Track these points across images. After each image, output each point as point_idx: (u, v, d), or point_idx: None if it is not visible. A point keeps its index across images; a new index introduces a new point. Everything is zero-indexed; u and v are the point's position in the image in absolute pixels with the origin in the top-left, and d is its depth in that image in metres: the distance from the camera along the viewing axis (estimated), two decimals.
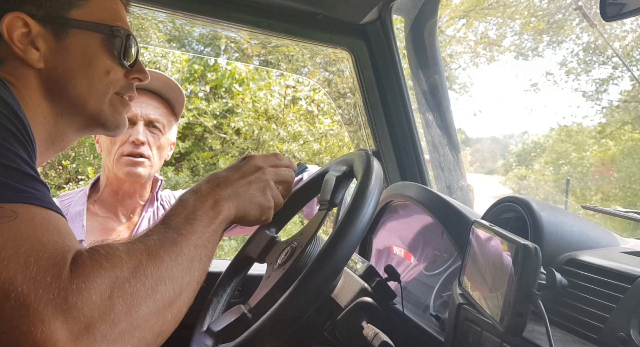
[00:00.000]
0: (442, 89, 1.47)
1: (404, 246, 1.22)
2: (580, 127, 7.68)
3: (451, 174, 1.48)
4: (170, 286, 0.51)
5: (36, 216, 0.48)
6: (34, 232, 0.47)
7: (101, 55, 0.73)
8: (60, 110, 0.72)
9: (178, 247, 0.55)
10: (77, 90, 0.72)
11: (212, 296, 1.06)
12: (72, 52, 0.71)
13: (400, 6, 1.36)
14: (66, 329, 0.42)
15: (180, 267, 0.53)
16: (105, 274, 0.47)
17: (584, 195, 6.89)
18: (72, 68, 0.71)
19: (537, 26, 7.30)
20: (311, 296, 0.75)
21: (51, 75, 0.70)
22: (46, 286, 0.43)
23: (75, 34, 0.71)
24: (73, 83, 0.71)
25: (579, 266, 0.71)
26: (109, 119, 0.77)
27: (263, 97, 6.64)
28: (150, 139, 1.38)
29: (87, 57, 0.72)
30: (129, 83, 0.79)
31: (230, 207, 0.65)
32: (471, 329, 0.72)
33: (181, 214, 0.60)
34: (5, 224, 0.46)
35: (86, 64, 0.72)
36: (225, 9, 1.30)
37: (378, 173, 0.87)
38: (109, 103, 0.76)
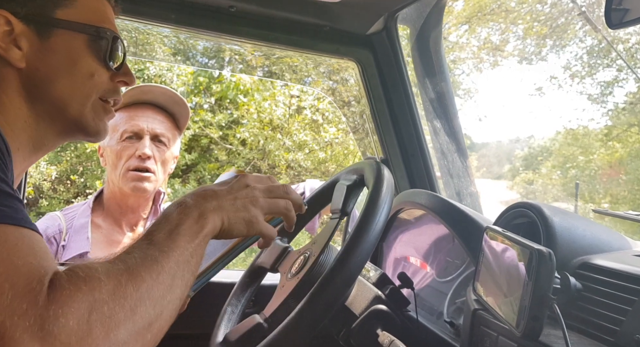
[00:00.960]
0: (449, 96, 1.49)
1: (419, 255, 1.22)
2: (586, 130, 7.65)
3: (460, 181, 1.49)
4: (151, 306, 0.50)
5: (9, 236, 0.47)
6: (7, 255, 0.45)
7: (86, 56, 0.71)
8: (41, 113, 0.70)
9: (159, 265, 0.53)
10: (59, 92, 0.70)
11: (227, 306, 1.07)
12: (56, 52, 0.69)
13: (405, 16, 1.38)
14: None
15: (161, 285, 0.52)
16: (83, 297, 0.45)
17: (592, 198, 6.84)
18: (55, 69, 0.69)
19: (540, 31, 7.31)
20: (326, 305, 0.76)
21: (33, 76, 0.68)
22: (22, 314, 0.42)
23: (60, 34, 0.69)
24: (55, 84, 0.69)
25: (592, 270, 0.71)
26: (89, 124, 0.74)
27: (268, 107, 6.68)
28: (156, 153, 1.39)
29: (70, 58, 0.70)
30: (114, 86, 0.76)
31: (216, 219, 0.63)
32: (487, 334, 0.72)
33: (164, 228, 0.58)
34: None
35: (70, 65, 0.70)
36: (231, 23, 1.32)
37: (389, 182, 0.88)
38: (91, 107, 0.73)
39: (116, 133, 1.38)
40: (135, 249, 0.54)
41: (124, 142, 1.37)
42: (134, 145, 1.36)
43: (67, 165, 6.44)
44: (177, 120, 1.46)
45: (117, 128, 1.38)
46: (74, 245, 1.37)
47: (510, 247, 0.67)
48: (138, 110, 1.39)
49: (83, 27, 0.70)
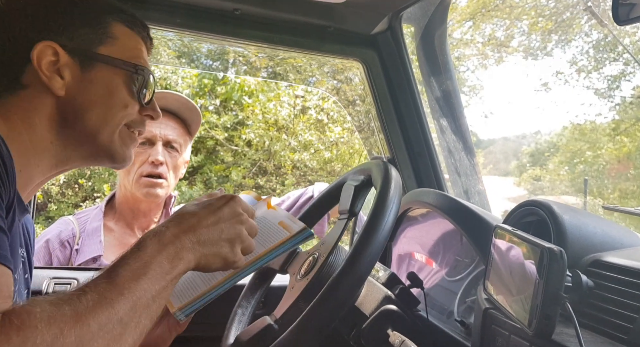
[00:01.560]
0: (455, 94, 1.48)
1: (424, 252, 1.22)
2: (593, 125, 7.59)
3: (468, 179, 1.48)
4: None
5: None
6: None
7: (122, 90, 0.76)
8: (70, 138, 0.74)
9: (113, 310, 0.50)
10: (93, 121, 0.74)
11: (237, 308, 1.08)
12: (95, 84, 0.74)
13: (410, 15, 1.37)
14: None
15: (108, 334, 0.49)
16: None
17: (601, 193, 6.79)
18: (92, 99, 0.74)
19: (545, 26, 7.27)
20: (336, 306, 0.76)
21: (70, 104, 0.72)
22: None
23: (101, 68, 0.74)
24: (90, 114, 0.73)
25: (604, 267, 0.71)
26: (117, 151, 0.78)
27: (273, 108, 6.69)
28: (168, 159, 1.41)
29: (108, 91, 0.75)
30: (141, 119, 0.81)
31: (191, 258, 0.60)
32: (499, 333, 0.72)
33: (133, 264, 0.55)
34: None
35: (106, 97, 0.75)
36: (236, 26, 1.33)
37: (397, 182, 0.88)
38: (119, 136, 0.78)
39: None
40: (93, 286, 0.51)
41: (137, 148, 1.39)
42: (146, 151, 1.39)
43: (76, 169, 6.49)
44: (189, 125, 1.48)
45: None
46: (87, 249, 1.39)
47: (520, 245, 0.67)
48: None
49: (122, 64, 0.76)
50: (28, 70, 0.70)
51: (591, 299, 0.69)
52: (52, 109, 0.72)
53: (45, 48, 0.70)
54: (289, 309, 0.89)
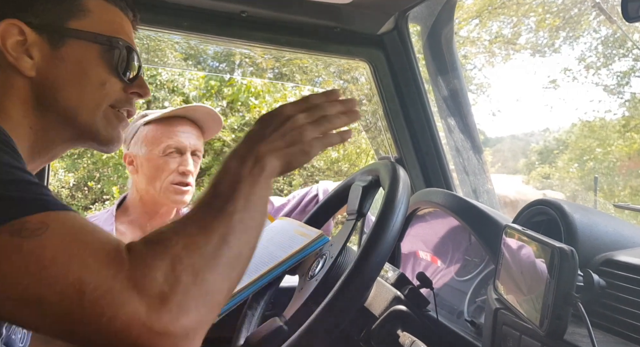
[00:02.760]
0: (462, 92, 1.48)
1: (429, 250, 1.22)
2: (603, 122, 7.51)
3: (476, 178, 1.48)
4: (228, 250, 0.54)
5: (66, 220, 0.50)
6: (74, 235, 0.49)
7: (97, 66, 0.71)
8: (50, 121, 0.70)
9: (226, 213, 0.56)
10: (68, 100, 0.70)
11: (246, 310, 1.08)
12: (67, 61, 0.69)
13: (416, 15, 1.37)
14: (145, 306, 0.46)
15: (232, 230, 0.55)
16: (163, 256, 0.49)
17: (611, 191, 6.72)
18: (65, 78, 0.69)
19: (553, 23, 7.21)
20: (346, 307, 0.76)
21: (42, 85, 0.68)
22: (113, 277, 0.46)
23: (72, 44, 0.69)
24: (64, 93, 0.69)
25: (616, 266, 0.70)
26: (101, 132, 0.74)
27: None
28: (193, 168, 1.46)
29: (81, 68, 0.70)
30: (127, 97, 0.76)
31: (272, 160, 0.65)
32: (510, 333, 0.72)
33: (225, 180, 0.61)
34: (41, 236, 0.47)
35: (80, 75, 0.70)
36: (243, 28, 1.33)
37: (405, 182, 0.88)
38: (103, 116, 0.73)
39: (157, 146, 1.42)
40: (201, 203, 0.58)
41: (166, 156, 1.41)
42: (176, 160, 1.42)
43: (84, 172, 6.55)
44: (204, 131, 1.51)
45: (158, 141, 1.42)
46: None
47: (531, 245, 0.67)
48: (176, 125, 1.44)
49: (95, 37, 0.70)
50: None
51: (603, 299, 0.68)
52: (25, 92, 0.68)
53: (9, 27, 0.66)
54: (299, 310, 0.89)
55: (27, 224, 0.47)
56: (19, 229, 0.47)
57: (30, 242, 0.46)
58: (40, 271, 0.46)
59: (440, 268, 1.16)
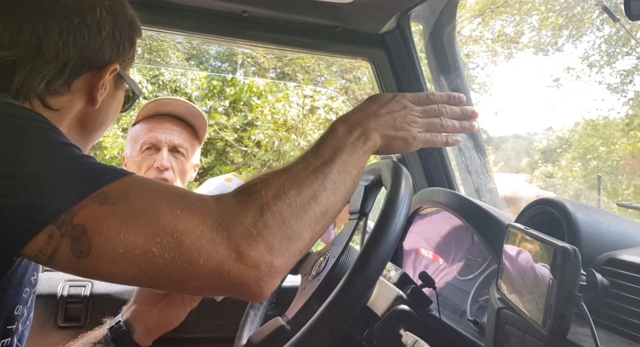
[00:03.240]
0: (464, 92, 1.47)
1: (431, 248, 1.22)
2: (606, 120, 7.49)
3: (479, 177, 1.47)
4: (317, 207, 0.58)
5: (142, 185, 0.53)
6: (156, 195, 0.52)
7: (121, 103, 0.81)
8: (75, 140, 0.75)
9: (322, 172, 0.61)
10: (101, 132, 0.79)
11: (249, 309, 1.08)
12: (115, 100, 0.79)
13: (418, 14, 1.37)
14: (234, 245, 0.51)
15: (324, 189, 0.59)
16: (251, 203, 0.54)
17: (615, 190, 6.70)
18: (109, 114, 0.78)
19: (555, 21, 7.18)
20: (348, 307, 0.76)
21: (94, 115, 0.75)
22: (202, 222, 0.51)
23: (122, 87, 0.79)
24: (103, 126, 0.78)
25: (619, 266, 0.70)
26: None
27: (282, 108, 6.71)
28: (174, 164, 1.43)
29: (118, 106, 0.80)
30: None
31: (376, 137, 0.70)
32: (513, 333, 0.71)
33: (329, 142, 0.66)
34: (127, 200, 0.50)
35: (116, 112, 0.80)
36: (245, 28, 1.33)
37: (407, 181, 0.87)
38: None
39: (137, 144, 1.44)
40: (302, 159, 0.63)
41: (143, 153, 1.43)
42: (152, 156, 1.42)
43: None
44: (197, 130, 1.51)
45: (138, 139, 1.44)
46: None
47: (533, 244, 0.67)
48: (157, 123, 1.45)
49: (135, 85, 0.81)
50: (83, 78, 0.71)
51: (607, 298, 0.68)
52: (79, 115, 0.74)
53: (113, 69, 0.73)
54: (301, 309, 0.89)
55: (109, 193, 0.51)
56: (104, 197, 0.50)
57: (121, 206, 0.50)
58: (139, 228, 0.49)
59: (442, 267, 1.16)
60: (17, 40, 0.64)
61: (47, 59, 0.66)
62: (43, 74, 0.65)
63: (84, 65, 0.70)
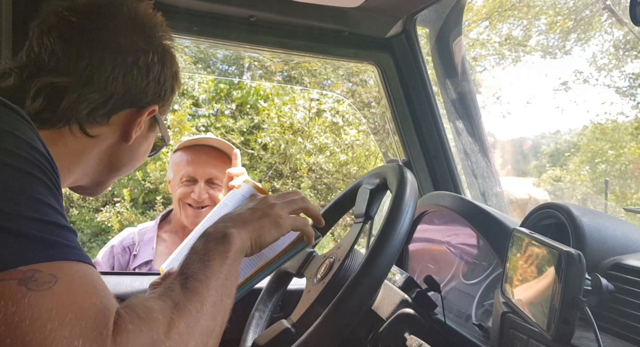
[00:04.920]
0: (471, 95, 1.47)
1: (437, 253, 1.21)
2: (615, 124, 7.42)
3: (485, 181, 1.47)
4: (199, 339, 0.52)
5: (74, 276, 0.48)
6: (74, 298, 0.46)
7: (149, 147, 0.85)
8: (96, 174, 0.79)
9: (201, 295, 0.55)
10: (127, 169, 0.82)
11: (254, 312, 1.09)
12: (147, 141, 0.81)
13: (424, 18, 1.37)
14: None
15: (205, 316, 0.54)
16: (144, 338, 0.48)
17: (624, 194, 6.63)
18: (140, 154, 0.81)
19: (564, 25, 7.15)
20: (353, 310, 0.76)
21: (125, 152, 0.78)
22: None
23: (155, 129, 0.82)
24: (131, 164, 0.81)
25: (624, 271, 0.70)
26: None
27: (288, 111, 6.73)
28: (211, 192, 1.61)
29: (148, 149, 0.83)
30: None
31: (242, 235, 0.67)
32: (517, 337, 0.71)
33: (195, 260, 0.61)
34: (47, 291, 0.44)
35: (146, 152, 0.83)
36: (252, 32, 1.35)
37: (412, 185, 0.88)
38: None
39: (178, 174, 1.63)
40: (175, 284, 0.57)
41: (183, 184, 1.61)
42: (190, 187, 1.60)
43: None
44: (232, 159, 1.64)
45: (178, 170, 1.63)
46: (142, 254, 1.62)
47: (538, 249, 0.67)
48: (195, 154, 1.62)
49: (166, 133, 0.84)
50: (123, 113, 0.74)
51: (612, 303, 0.68)
52: (111, 149, 0.76)
53: (151, 110, 0.76)
54: (306, 312, 0.89)
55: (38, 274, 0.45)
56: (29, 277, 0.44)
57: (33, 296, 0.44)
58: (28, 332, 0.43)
59: (448, 271, 1.16)
60: (74, 68, 0.68)
61: (95, 88, 0.69)
62: (89, 101, 0.68)
63: (127, 102, 0.73)
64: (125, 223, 6.15)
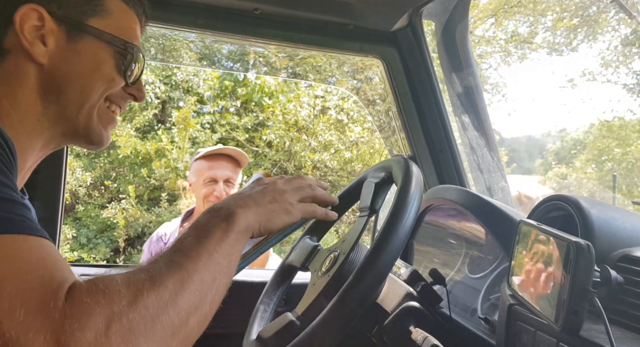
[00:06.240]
0: (477, 90, 1.46)
1: (442, 247, 1.20)
2: (622, 121, 7.36)
3: (491, 175, 1.46)
4: (175, 315, 0.49)
5: (17, 248, 0.46)
6: (16, 269, 0.44)
7: (109, 65, 0.73)
8: (55, 113, 0.72)
9: (185, 271, 0.52)
10: (75, 93, 0.71)
11: (259, 305, 1.09)
12: (82, 56, 0.71)
13: (430, 11, 1.36)
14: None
15: (186, 292, 0.51)
16: (102, 311, 0.45)
17: (630, 191, 6.59)
18: (77, 71, 0.71)
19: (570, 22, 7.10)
20: (358, 303, 0.76)
21: (53, 75, 0.70)
22: (36, 330, 0.42)
23: (90, 41, 0.72)
24: (73, 85, 0.71)
25: (634, 262, 0.69)
26: (95, 130, 0.76)
27: (293, 108, 6.72)
28: (227, 190, 1.97)
29: (95, 64, 0.72)
30: (123, 95, 0.79)
31: (248, 215, 0.64)
32: (524, 329, 0.71)
33: (192, 234, 0.58)
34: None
35: (92, 70, 0.72)
36: (256, 25, 1.34)
37: (418, 178, 0.87)
38: (97, 114, 0.75)
39: (200, 177, 1.99)
40: (162, 257, 0.54)
41: (206, 185, 1.97)
42: (212, 187, 1.96)
43: (101, 171, 6.65)
44: (239, 162, 2.05)
45: (201, 174, 1.99)
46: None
47: (546, 240, 0.66)
48: (214, 161, 2.00)
49: (113, 39, 0.73)
50: (10, 33, 0.67)
51: (621, 295, 0.67)
52: (35, 80, 0.69)
53: (30, 11, 0.67)
54: (311, 305, 0.89)
55: None
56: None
57: None
58: None
59: (453, 265, 1.15)
60: None
61: None
62: None
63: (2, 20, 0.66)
64: (131, 220, 6.17)
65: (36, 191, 1.32)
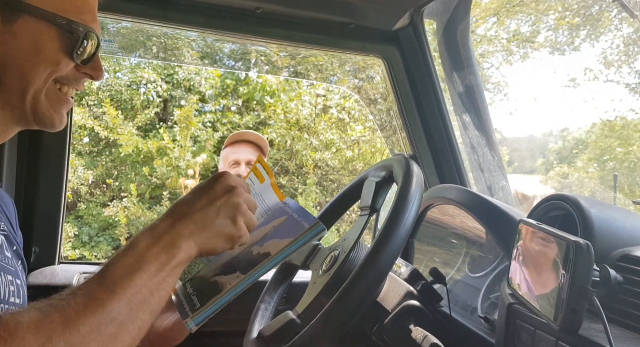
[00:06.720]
0: (478, 89, 1.46)
1: (443, 246, 1.21)
2: (624, 121, 7.35)
3: (491, 175, 1.46)
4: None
5: None
6: None
7: (51, 47, 0.66)
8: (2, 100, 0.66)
9: (104, 310, 0.48)
10: (15, 79, 0.65)
11: (260, 303, 1.09)
12: (20, 38, 0.63)
13: (432, 10, 1.36)
14: None
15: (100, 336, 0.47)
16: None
17: (632, 191, 6.58)
18: (15, 55, 0.64)
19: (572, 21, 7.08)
20: (358, 301, 0.76)
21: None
22: None
23: (28, 21, 0.64)
24: (13, 70, 0.64)
25: (634, 262, 0.69)
26: (45, 113, 0.69)
27: (294, 107, 6.72)
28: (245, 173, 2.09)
29: (35, 46, 0.65)
30: (77, 76, 0.72)
31: (191, 245, 0.58)
32: (524, 328, 0.71)
33: (125, 262, 0.53)
34: None
35: (33, 53, 0.65)
36: (258, 24, 1.34)
37: (418, 177, 0.87)
38: (46, 97, 0.69)
39: (227, 161, 2.26)
40: (84, 288, 0.50)
41: (232, 167, 2.22)
42: (236, 169, 2.21)
43: (103, 169, 6.66)
44: (262, 148, 2.30)
45: (227, 159, 2.26)
46: None
47: (546, 239, 0.66)
48: (239, 147, 2.27)
49: (53, 18, 0.65)
50: None
51: (620, 294, 0.67)
52: None
53: None
54: (311, 304, 0.89)
55: None
56: None
57: None
58: None
59: (453, 264, 1.15)
60: None
61: None
62: None
63: None
64: (132, 218, 6.18)
65: (38, 188, 1.33)
